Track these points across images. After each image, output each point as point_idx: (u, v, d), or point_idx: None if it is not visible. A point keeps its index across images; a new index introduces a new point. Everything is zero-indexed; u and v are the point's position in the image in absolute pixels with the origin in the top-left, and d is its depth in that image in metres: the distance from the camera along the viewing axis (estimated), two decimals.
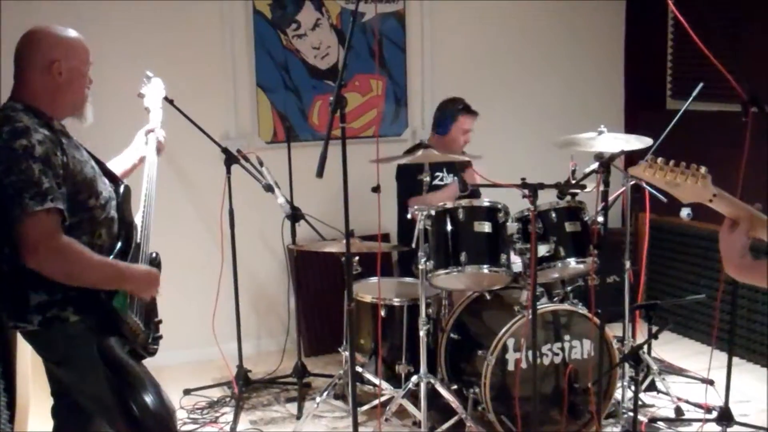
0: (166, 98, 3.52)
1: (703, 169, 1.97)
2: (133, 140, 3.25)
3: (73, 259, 2.53)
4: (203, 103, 4.91)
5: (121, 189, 2.87)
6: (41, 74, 2.66)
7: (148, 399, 2.70)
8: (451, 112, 4.82)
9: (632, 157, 4.40)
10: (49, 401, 2.96)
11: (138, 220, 2.94)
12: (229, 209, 4.52)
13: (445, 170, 4.81)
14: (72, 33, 2.75)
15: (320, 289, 5.35)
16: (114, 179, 2.88)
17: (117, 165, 3.10)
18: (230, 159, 4.45)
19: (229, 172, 4.47)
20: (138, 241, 2.86)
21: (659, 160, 1.98)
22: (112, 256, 2.70)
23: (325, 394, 4.33)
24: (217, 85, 5.24)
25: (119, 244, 2.76)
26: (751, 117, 3.84)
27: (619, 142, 4.11)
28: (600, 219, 3.86)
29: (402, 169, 4.74)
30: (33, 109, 2.62)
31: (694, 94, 4.32)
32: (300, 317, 4.86)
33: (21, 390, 3.46)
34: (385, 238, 5.26)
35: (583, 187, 3.88)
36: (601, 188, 3.69)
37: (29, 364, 3.50)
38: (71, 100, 2.74)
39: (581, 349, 4.03)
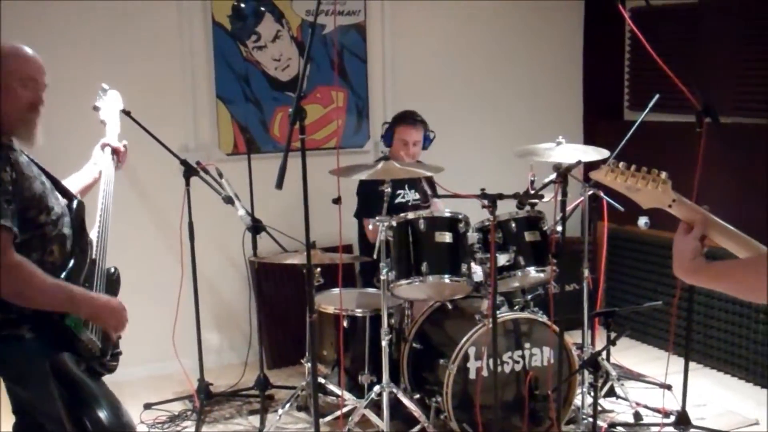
0: (123, 110, 3.49)
1: (663, 175, 1.98)
2: (90, 155, 3.22)
3: (24, 280, 2.49)
4: (162, 115, 4.88)
5: (74, 204, 2.83)
6: None
7: (102, 415, 2.67)
8: (392, 123, 4.84)
9: (590, 168, 4.45)
10: (11, 418, 2.92)
11: (93, 235, 2.90)
12: (188, 222, 4.50)
13: (406, 186, 4.83)
14: (10, 48, 2.66)
15: (282, 301, 5.34)
16: (67, 195, 2.85)
17: (77, 181, 3.07)
18: (189, 171, 4.43)
19: (188, 184, 4.45)
20: (93, 257, 2.83)
21: (620, 164, 1.99)
22: (64, 273, 2.66)
23: (288, 405, 4.33)
24: (176, 96, 5.22)
25: (72, 262, 2.72)
26: (705, 127, 3.93)
27: (576, 152, 4.17)
28: (559, 228, 3.91)
29: (363, 181, 4.75)
30: None
31: (650, 105, 4.40)
32: (262, 329, 4.85)
33: None
34: (347, 249, 5.27)
35: (542, 197, 3.93)
36: (560, 198, 3.74)
37: None
38: (11, 118, 2.63)
39: (541, 356, 4.07)
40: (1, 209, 2.45)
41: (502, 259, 3.99)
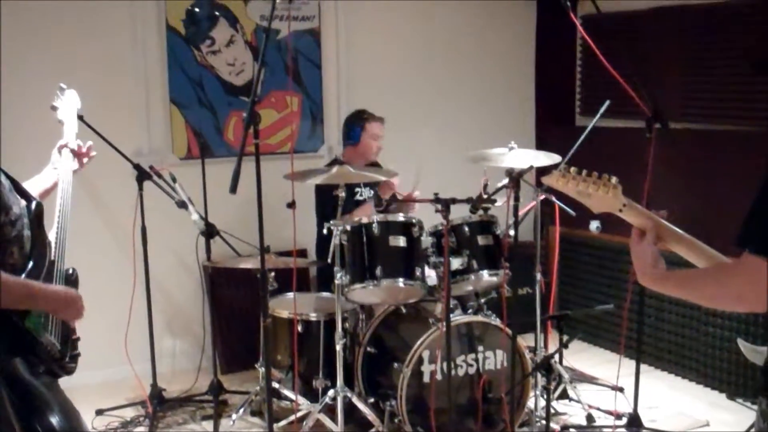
0: (78, 116, 3.45)
1: (614, 180, 2.01)
2: (49, 156, 3.17)
3: None
4: (115, 119, 4.83)
5: (33, 205, 2.80)
6: None
7: (55, 421, 2.63)
8: (358, 120, 4.89)
9: (542, 173, 4.50)
10: None
11: (52, 236, 2.87)
12: (141, 226, 4.47)
13: (362, 184, 4.85)
14: None
15: (236, 306, 5.32)
16: (26, 196, 2.81)
17: (37, 184, 3.02)
18: (142, 175, 4.40)
19: (141, 188, 4.42)
20: (52, 258, 2.80)
21: (572, 169, 2.01)
22: (24, 275, 2.63)
23: (242, 410, 4.31)
24: (129, 100, 5.17)
25: (31, 263, 2.69)
26: (654, 133, 3.99)
27: (529, 157, 4.21)
28: (511, 232, 3.95)
29: (319, 186, 4.75)
30: None
31: (601, 111, 4.47)
32: (216, 334, 4.82)
33: None
34: (302, 253, 5.26)
35: (494, 201, 3.97)
36: (512, 202, 3.78)
37: None
38: None
39: (495, 359, 4.10)
40: None
41: (456, 263, 4.02)
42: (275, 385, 4.21)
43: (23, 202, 2.74)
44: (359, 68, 5.79)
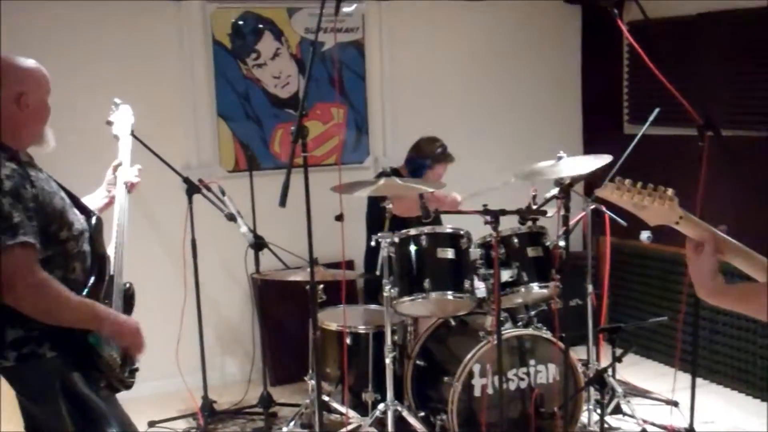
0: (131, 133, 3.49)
1: (670, 191, 1.96)
2: (97, 167, 3.21)
3: (50, 296, 2.49)
4: (164, 133, 4.89)
5: (93, 221, 2.83)
6: (7, 107, 2.59)
7: None
8: (428, 158, 4.80)
9: (592, 182, 4.45)
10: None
11: (111, 251, 2.90)
12: (191, 239, 4.51)
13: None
14: (34, 63, 2.70)
15: (285, 318, 5.32)
16: (85, 211, 2.84)
17: (90, 204, 3.06)
18: (192, 188, 4.44)
19: (190, 201, 4.46)
20: (111, 273, 2.82)
21: (626, 181, 1.97)
22: (86, 291, 2.66)
23: (292, 423, 4.31)
24: (178, 114, 5.23)
25: (93, 278, 2.71)
26: (707, 141, 3.92)
27: (578, 165, 4.16)
28: (561, 243, 3.90)
29: (370, 198, 4.76)
30: None
31: (651, 118, 4.39)
32: (265, 346, 4.84)
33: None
34: (350, 265, 5.26)
35: (545, 212, 3.92)
36: (562, 213, 3.73)
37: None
38: (36, 131, 2.68)
39: (547, 373, 4.06)
40: (24, 226, 2.44)
41: (505, 275, 3.98)
42: (325, 398, 4.19)
43: (83, 218, 2.78)
44: (403, 79, 5.78)
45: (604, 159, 4.13)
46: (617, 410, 4.52)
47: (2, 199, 2.42)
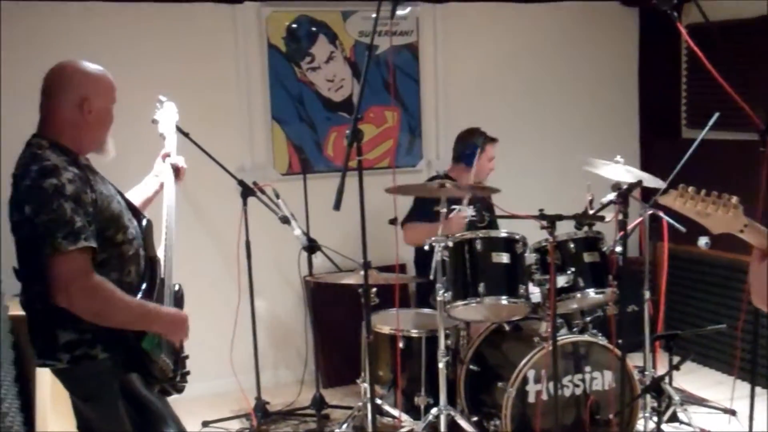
0: (182, 131, 3.53)
1: (734, 199, 1.93)
2: (149, 168, 3.25)
3: (103, 299, 2.52)
4: (219, 136, 4.93)
5: (144, 223, 2.86)
6: (70, 111, 2.63)
7: None
8: (475, 143, 4.81)
9: (649, 188, 4.39)
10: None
11: (161, 253, 2.93)
12: (245, 241, 4.55)
13: (465, 204, 4.80)
14: (99, 69, 2.74)
15: (337, 320, 5.32)
16: (136, 214, 2.88)
17: (138, 194, 3.09)
18: (246, 191, 4.48)
19: (245, 204, 4.50)
20: (162, 276, 2.85)
21: (690, 189, 1.94)
22: (139, 294, 2.69)
23: (344, 426, 4.31)
24: (232, 118, 5.27)
25: (145, 282, 2.75)
26: None
27: (635, 172, 4.11)
28: (618, 249, 3.85)
29: (419, 201, 4.74)
30: (59, 146, 2.60)
31: (711, 123, 4.31)
32: (317, 348, 4.85)
33: (40, 424, 3.46)
34: (401, 268, 5.25)
35: (603, 218, 3.87)
36: (620, 218, 3.68)
37: (48, 398, 3.50)
38: (98, 137, 2.73)
39: (602, 380, 4.01)
40: (85, 230, 2.48)
41: (561, 281, 3.93)
42: (377, 401, 4.19)
43: (135, 221, 2.81)
44: (457, 82, 5.76)
45: (658, 182, 4.07)
46: (674, 418, 4.45)
47: (64, 204, 2.46)
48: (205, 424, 4.65)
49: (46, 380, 3.31)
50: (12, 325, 3.47)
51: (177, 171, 3.23)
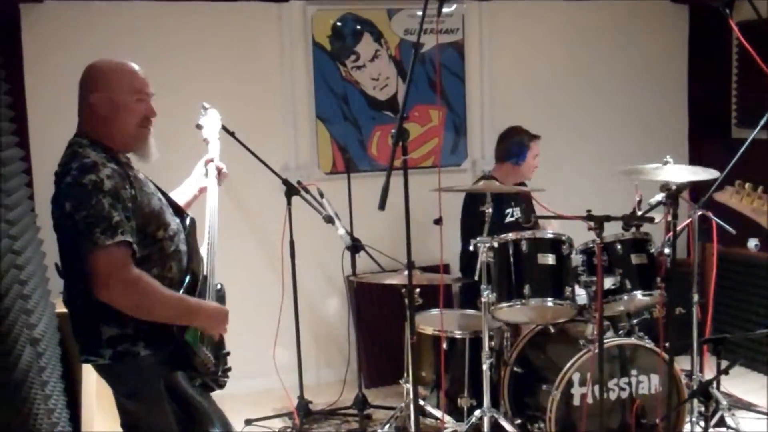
0: (227, 130, 3.56)
1: None
2: (190, 170, 3.27)
3: (143, 292, 2.54)
4: (263, 135, 4.95)
5: (187, 221, 2.88)
6: (90, 108, 2.68)
7: None
8: (522, 140, 4.81)
9: (698, 188, 4.31)
10: (116, 430, 2.98)
11: (203, 251, 2.95)
12: (289, 240, 4.56)
13: (513, 204, 4.78)
14: (119, 63, 2.73)
15: (380, 320, 5.32)
16: (179, 212, 2.90)
17: (177, 197, 3.11)
18: (291, 190, 4.49)
19: (289, 203, 4.51)
20: (205, 273, 2.87)
21: (747, 185, 1.91)
22: (182, 290, 2.71)
23: (387, 426, 4.30)
24: (277, 116, 5.29)
25: (188, 278, 2.77)
26: None
27: (684, 172, 4.03)
28: (667, 250, 3.79)
29: (467, 202, 4.72)
30: (99, 143, 2.64)
31: (762, 122, 4.22)
32: (360, 348, 4.85)
33: (86, 420, 3.50)
34: (445, 269, 5.22)
35: (652, 219, 3.80)
36: (669, 219, 3.62)
37: (94, 395, 3.54)
38: (124, 132, 2.69)
39: (649, 384, 3.95)
40: (123, 225, 2.50)
41: (608, 283, 3.88)
42: (420, 402, 4.17)
43: (178, 218, 2.83)
44: (503, 81, 5.72)
45: (710, 173, 3.99)
46: (721, 423, 4.36)
47: (103, 199, 2.49)
48: (248, 422, 4.67)
49: (92, 377, 3.36)
50: (59, 322, 3.53)
51: (219, 174, 3.26)
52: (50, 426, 2.90)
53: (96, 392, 3.53)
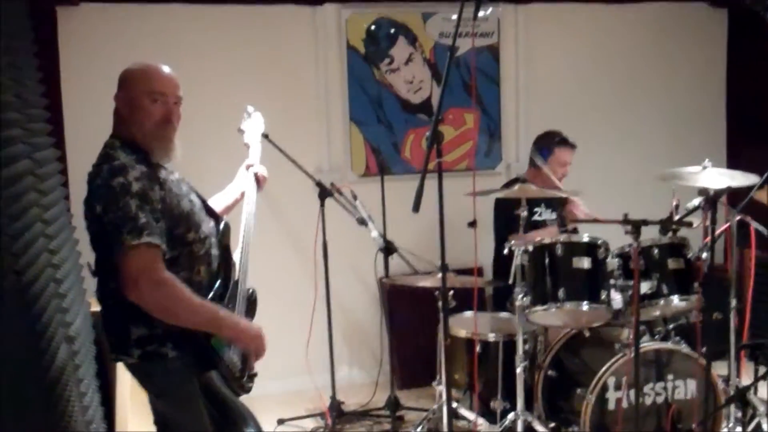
0: (262, 133, 3.56)
1: None
2: (232, 175, 3.29)
3: (170, 295, 2.54)
4: (297, 137, 4.97)
5: (221, 226, 2.89)
6: (114, 108, 2.74)
7: None
8: (547, 144, 4.76)
9: (736, 193, 4.25)
10: (149, 428, 2.99)
11: (237, 256, 2.95)
12: (322, 242, 4.56)
13: (543, 205, 4.75)
14: (141, 66, 2.75)
15: (412, 322, 5.31)
16: (214, 216, 2.91)
17: (220, 200, 3.14)
18: (324, 192, 4.49)
19: (323, 205, 4.52)
20: (236, 278, 2.87)
21: None
22: (211, 294, 2.71)
23: (419, 428, 4.29)
24: (311, 119, 5.31)
25: (218, 282, 2.77)
26: None
27: (723, 177, 3.97)
28: (704, 255, 3.74)
29: (499, 204, 4.70)
30: (131, 144, 2.67)
31: None
32: (392, 350, 4.85)
33: (120, 418, 3.53)
34: (479, 271, 5.19)
35: (690, 224, 3.76)
36: (707, 224, 3.57)
37: (128, 393, 3.57)
38: (138, 132, 2.70)
39: (685, 389, 3.92)
40: (150, 226, 2.52)
41: (645, 287, 3.83)
42: (453, 404, 4.15)
43: (211, 222, 2.83)
44: (538, 84, 5.70)
45: (749, 178, 3.93)
46: (758, 429, 4.29)
47: (130, 201, 2.51)
48: (281, 421, 4.69)
49: (125, 375, 3.37)
50: (93, 320, 3.55)
51: (258, 180, 3.28)
52: (85, 423, 2.91)
53: (130, 390, 3.56)
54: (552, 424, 4.06)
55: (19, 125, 2.72)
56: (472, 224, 3.70)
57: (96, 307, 2.95)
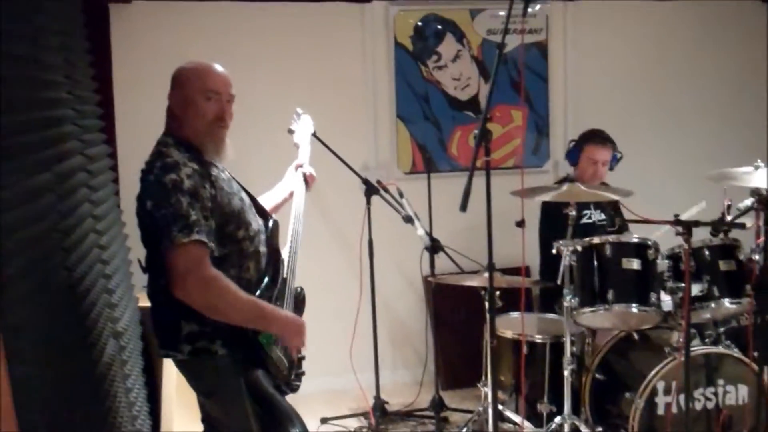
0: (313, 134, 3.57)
1: None
2: (281, 174, 3.30)
3: (218, 293, 2.55)
4: (343, 134, 4.95)
5: (270, 223, 2.89)
6: (167, 106, 2.76)
7: None
8: (579, 141, 4.69)
9: None
10: (195, 426, 3.01)
11: (285, 254, 2.96)
12: (368, 240, 4.55)
13: (592, 206, 4.67)
14: (194, 64, 2.76)
15: (458, 322, 5.27)
16: (264, 214, 2.92)
17: (269, 199, 3.15)
18: (370, 190, 4.48)
19: (369, 202, 4.50)
20: (284, 276, 2.87)
21: None
22: (259, 291, 2.71)
23: (464, 429, 4.26)
24: (357, 116, 5.30)
25: (266, 279, 2.77)
26: None
27: None
28: (757, 257, 3.66)
29: (547, 205, 4.64)
30: (184, 142, 2.68)
31: None
32: (437, 349, 4.82)
33: (165, 415, 3.55)
34: (526, 272, 5.14)
35: (743, 225, 3.68)
36: (760, 224, 3.50)
37: (174, 389, 3.59)
38: (191, 131, 2.71)
39: (736, 394, 3.84)
40: (200, 224, 2.53)
41: (695, 289, 3.76)
42: (499, 406, 4.11)
43: (261, 220, 2.84)
44: (587, 81, 5.62)
45: None
46: None
47: (181, 198, 2.52)
48: (324, 420, 4.69)
49: (172, 372, 3.40)
50: (141, 316, 3.58)
51: (306, 180, 3.28)
52: (131, 419, 2.94)
53: (176, 387, 3.58)
54: (599, 429, 4.01)
55: (71, 121, 2.76)
56: (520, 224, 3.65)
57: (144, 303, 2.98)
